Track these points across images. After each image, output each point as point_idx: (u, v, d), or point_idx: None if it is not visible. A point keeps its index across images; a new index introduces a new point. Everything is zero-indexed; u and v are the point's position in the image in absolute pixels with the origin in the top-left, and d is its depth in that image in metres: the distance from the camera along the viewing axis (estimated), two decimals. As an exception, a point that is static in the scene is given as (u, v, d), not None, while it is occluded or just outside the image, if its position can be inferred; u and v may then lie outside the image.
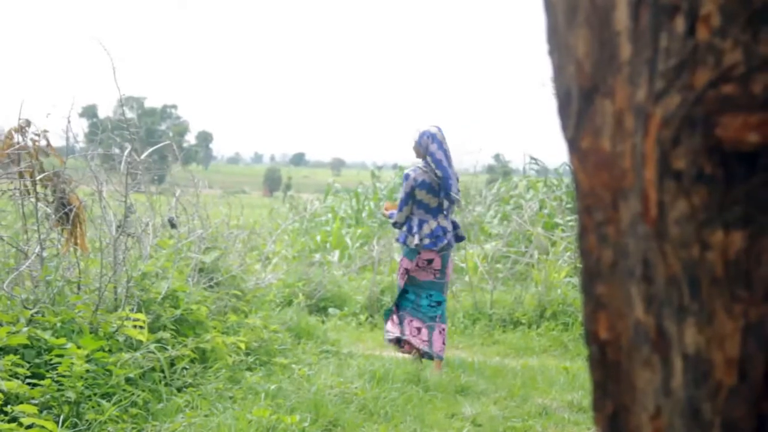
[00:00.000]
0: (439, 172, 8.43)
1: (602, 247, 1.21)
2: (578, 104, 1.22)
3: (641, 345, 1.13)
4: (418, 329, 8.65)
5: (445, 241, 8.52)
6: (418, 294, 8.69)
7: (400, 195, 8.68)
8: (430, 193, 8.50)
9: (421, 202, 8.50)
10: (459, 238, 8.82)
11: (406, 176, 8.57)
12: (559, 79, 1.27)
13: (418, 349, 8.67)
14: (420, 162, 8.62)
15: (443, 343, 8.62)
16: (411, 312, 8.70)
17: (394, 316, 8.82)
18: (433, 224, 8.51)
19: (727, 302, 1.02)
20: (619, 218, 1.17)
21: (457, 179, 8.72)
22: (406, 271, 8.65)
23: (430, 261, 8.60)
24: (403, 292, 8.75)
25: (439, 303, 8.69)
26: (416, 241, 8.45)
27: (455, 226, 8.77)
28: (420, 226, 8.49)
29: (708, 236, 1.03)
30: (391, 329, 8.80)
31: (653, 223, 1.08)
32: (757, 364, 1.00)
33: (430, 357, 8.55)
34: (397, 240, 8.86)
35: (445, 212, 8.61)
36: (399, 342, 8.81)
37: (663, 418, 1.10)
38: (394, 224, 8.71)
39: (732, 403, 1.01)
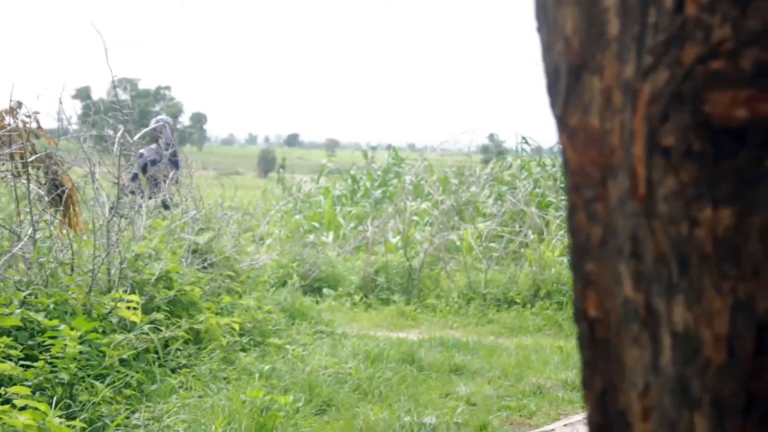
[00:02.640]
0: (170, 150, 10.80)
1: (591, 225, 1.20)
2: (567, 81, 1.21)
3: (630, 322, 1.13)
4: None
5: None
6: None
7: (132, 170, 10.34)
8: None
9: (151, 177, 10.58)
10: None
11: (141, 155, 10.48)
12: (547, 56, 1.26)
13: None
14: (153, 145, 10.97)
15: None
16: None
17: None
18: (162, 196, 10.29)
19: (716, 279, 1.01)
20: (608, 195, 1.16)
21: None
22: None
23: None
24: None
25: None
26: (152, 208, 10.17)
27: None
28: (153, 197, 10.23)
29: (697, 213, 1.02)
30: None
31: (642, 200, 1.08)
32: (746, 341, 0.99)
33: None
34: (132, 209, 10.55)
35: (166, 185, 10.62)
36: None
37: (652, 396, 1.10)
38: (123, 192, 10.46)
39: (721, 380, 1.01)
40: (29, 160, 7.18)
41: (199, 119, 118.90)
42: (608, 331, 1.19)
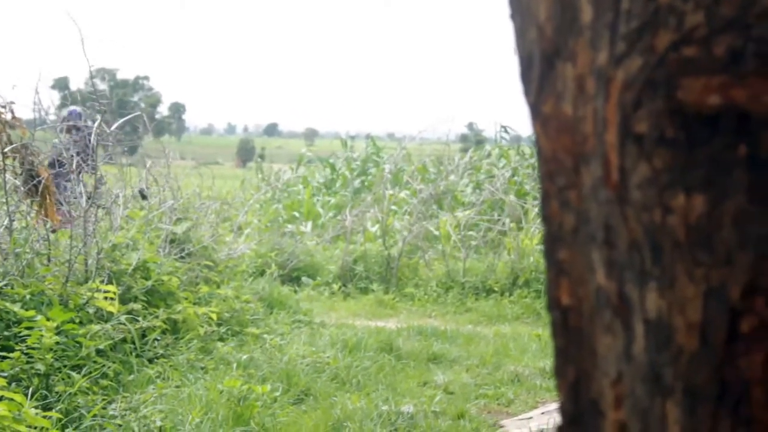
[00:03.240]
0: (85, 141, 10.02)
1: (564, 213, 1.20)
2: (540, 68, 1.20)
3: (603, 310, 1.12)
4: None
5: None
6: None
7: (47, 161, 9.91)
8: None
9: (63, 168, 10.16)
10: None
11: (55, 145, 9.90)
12: (520, 43, 1.26)
13: None
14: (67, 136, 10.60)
15: None
16: None
17: None
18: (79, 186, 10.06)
19: (688, 266, 1.01)
20: (581, 183, 1.15)
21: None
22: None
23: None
24: None
25: None
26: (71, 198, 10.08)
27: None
28: (66, 187, 9.81)
29: (670, 200, 1.02)
30: None
31: (615, 188, 1.07)
32: (718, 328, 0.99)
33: None
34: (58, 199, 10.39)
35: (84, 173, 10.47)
36: None
37: (624, 384, 1.10)
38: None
39: (694, 368, 1.01)
40: (5, 150, 7.13)
41: (177, 109, 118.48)
42: (581, 319, 1.19)
